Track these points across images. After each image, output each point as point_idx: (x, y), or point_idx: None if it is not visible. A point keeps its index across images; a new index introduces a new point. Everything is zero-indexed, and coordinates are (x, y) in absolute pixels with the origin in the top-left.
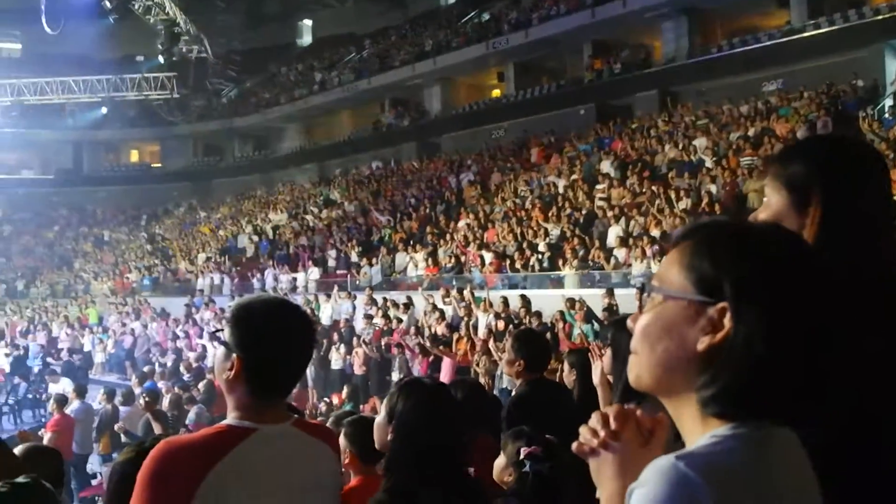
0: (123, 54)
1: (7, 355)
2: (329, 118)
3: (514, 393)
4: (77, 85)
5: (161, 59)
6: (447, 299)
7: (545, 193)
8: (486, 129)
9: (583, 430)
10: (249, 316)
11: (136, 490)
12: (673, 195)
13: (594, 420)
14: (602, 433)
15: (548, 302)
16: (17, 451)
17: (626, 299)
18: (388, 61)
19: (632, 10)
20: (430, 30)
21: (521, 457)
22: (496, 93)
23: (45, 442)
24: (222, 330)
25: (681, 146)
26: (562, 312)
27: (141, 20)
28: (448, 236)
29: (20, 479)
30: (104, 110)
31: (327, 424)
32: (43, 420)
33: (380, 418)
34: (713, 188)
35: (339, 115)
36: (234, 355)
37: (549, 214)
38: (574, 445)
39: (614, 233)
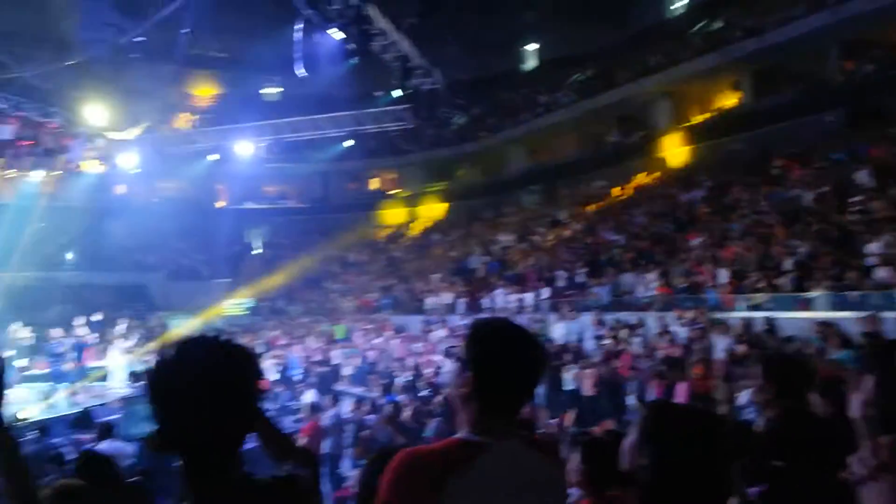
0: (364, 91)
1: (276, 366)
2: (554, 139)
3: (765, 422)
4: (325, 122)
5: (397, 93)
6: (681, 320)
7: (789, 208)
8: (720, 142)
9: (855, 459)
10: (484, 335)
11: (380, 493)
12: None
13: (866, 451)
14: (875, 463)
15: (794, 325)
16: None
17: (892, 323)
18: (612, 79)
19: (887, 3)
20: (656, 44)
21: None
22: (730, 102)
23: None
24: (457, 347)
25: None
26: (812, 337)
27: (378, 59)
28: (680, 255)
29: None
30: (349, 143)
31: (559, 443)
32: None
33: (631, 440)
34: None
35: (565, 135)
36: (468, 372)
37: (794, 230)
38: (846, 473)
39: (874, 249)
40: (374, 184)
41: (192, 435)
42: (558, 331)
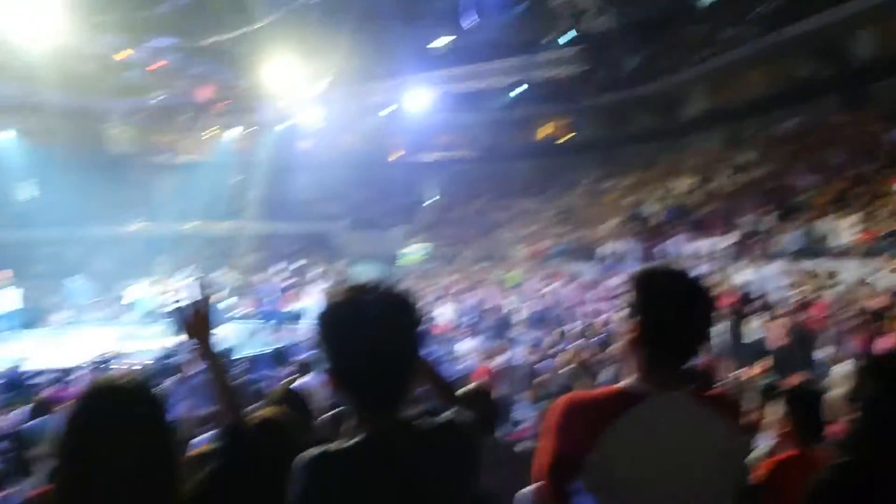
0: (533, 37)
1: (451, 311)
2: (738, 77)
3: None
4: (495, 70)
5: (566, 37)
6: (884, 269)
7: None
8: None
9: None
10: (651, 281)
11: (542, 435)
12: None
13: None
14: None
15: None
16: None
17: None
18: (804, 8)
19: None
20: None
21: None
22: None
23: None
24: (622, 295)
25: None
26: None
27: (547, 3)
28: (883, 198)
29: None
30: (518, 91)
31: (737, 398)
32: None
33: (837, 393)
34: None
35: (750, 72)
36: (634, 319)
37: None
38: None
39: None
40: (545, 131)
41: (360, 376)
42: (742, 279)
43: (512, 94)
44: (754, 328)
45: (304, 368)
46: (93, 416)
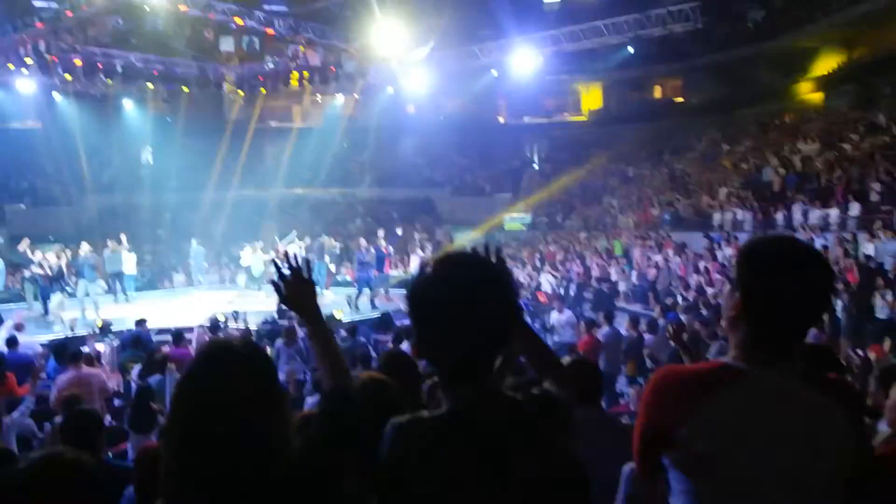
0: None
1: (554, 277)
2: (874, 30)
3: None
4: (605, 28)
5: None
6: None
7: None
8: None
9: None
10: (756, 252)
11: (639, 408)
12: None
13: None
14: None
15: None
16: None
17: None
18: None
19: None
20: None
21: None
22: None
23: None
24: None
25: None
26: None
27: None
28: None
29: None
30: (630, 50)
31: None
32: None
33: None
34: None
35: (888, 25)
36: (738, 293)
37: None
38: None
39: None
40: (658, 92)
41: (446, 346)
42: (870, 250)
43: (623, 53)
44: (881, 305)
45: (404, 335)
46: (208, 375)
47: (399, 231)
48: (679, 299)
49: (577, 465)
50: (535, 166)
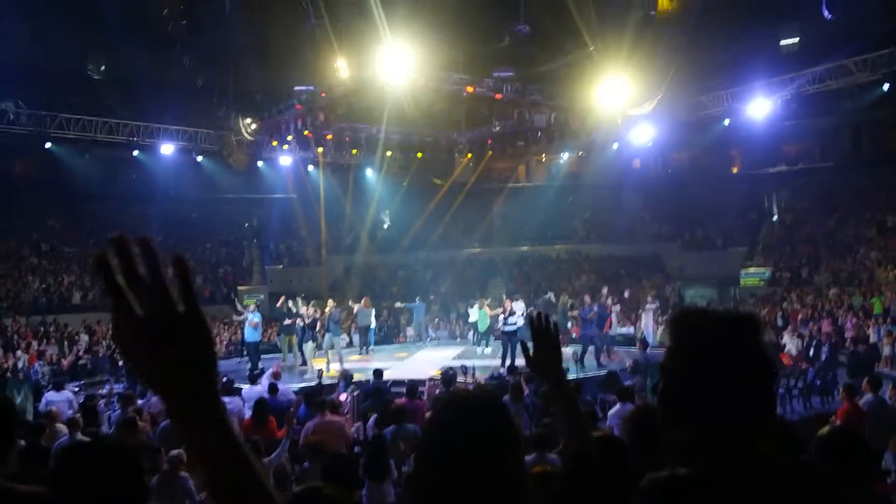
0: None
1: (798, 341)
2: None
3: None
4: (855, 65)
5: None
6: None
7: None
8: None
9: None
10: None
11: None
12: None
13: None
14: None
15: None
16: None
17: None
18: None
19: None
20: None
21: None
22: None
23: None
24: None
25: None
26: None
27: None
28: None
29: None
30: (885, 88)
31: None
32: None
33: None
34: None
35: None
36: None
37: None
38: None
39: None
40: None
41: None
42: None
43: (876, 92)
44: None
45: (626, 394)
46: (453, 425)
47: (625, 288)
48: None
49: None
50: (775, 217)
